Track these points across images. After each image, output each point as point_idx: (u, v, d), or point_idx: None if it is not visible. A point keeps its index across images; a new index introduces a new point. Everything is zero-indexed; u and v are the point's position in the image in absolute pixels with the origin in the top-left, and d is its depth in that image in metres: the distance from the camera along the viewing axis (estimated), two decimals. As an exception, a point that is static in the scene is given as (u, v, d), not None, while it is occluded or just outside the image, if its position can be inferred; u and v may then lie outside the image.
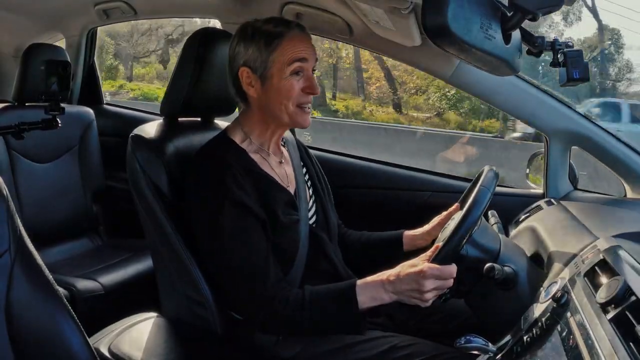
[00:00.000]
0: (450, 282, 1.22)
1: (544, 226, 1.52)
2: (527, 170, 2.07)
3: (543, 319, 1.04)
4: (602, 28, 14.03)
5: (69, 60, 2.38)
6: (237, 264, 1.32)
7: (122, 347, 1.41)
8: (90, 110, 2.60)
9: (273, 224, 1.37)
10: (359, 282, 1.30)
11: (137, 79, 16.53)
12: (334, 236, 1.57)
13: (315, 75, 1.43)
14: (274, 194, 1.39)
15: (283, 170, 1.49)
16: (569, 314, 0.97)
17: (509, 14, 1.07)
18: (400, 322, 1.53)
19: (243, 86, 1.41)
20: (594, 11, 13.91)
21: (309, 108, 1.41)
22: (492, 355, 1.10)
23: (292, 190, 1.47)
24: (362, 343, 1.33)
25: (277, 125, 1.44)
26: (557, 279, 1.14)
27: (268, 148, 1.47)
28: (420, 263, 1.24)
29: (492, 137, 11.12)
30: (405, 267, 1.26)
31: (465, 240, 1.21)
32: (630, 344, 0.79)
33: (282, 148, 1.55)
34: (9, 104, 2.36)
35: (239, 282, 1.32)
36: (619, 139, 1.76)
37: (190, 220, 1.38)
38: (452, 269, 1.21)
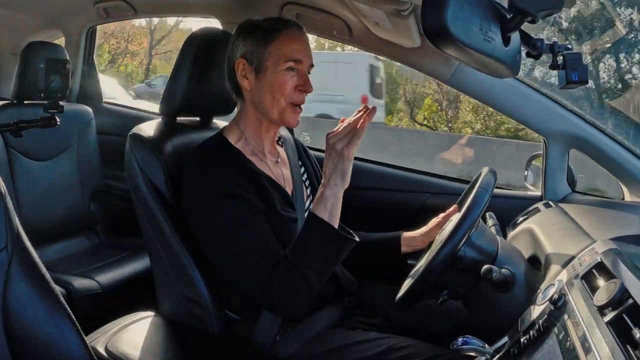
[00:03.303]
0: (361, 132, 1.26)
1: (542, 228, 1.52)
2: (525, 173, 2.07)
3: (540, 321, 1.04)
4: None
5: (68, 58, 2.38)
6: (239, 249, 1.29)
7: (118, 346, 1.40)
8: (89, 109, 2.59)
9: (272, 218, 1.36)
10: (311, 207, 1.32)
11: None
12: (331, 236, 1.57)
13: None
14: (271, 192, 1.39)
15: (280, 171, 1.49)
16: (566, 317, 0.97)
17: (508, 16, 1.07)
18: (397, 324, 1.54)
19: (238, 78, 1.41)
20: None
21: (300, 108, 1.42)
22: (488, 357, 1.10)
23: (289, 190, 1.47)
24: (358, 344, 1.33)
25: (268, 122, 1.44)
26: (554, 282, 1.14)
27: (264, 148, 1.47)
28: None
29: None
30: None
31: (463, 242, 1.21)
32: (627, 347, 0.79)
33: (279, 148, 1.55)
34: (8, 101, 2.36)
35: (244, 265, 1.29)
36: (617, 142, 1.76)
37: (188, 219, 1.38)
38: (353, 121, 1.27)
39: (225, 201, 1.30)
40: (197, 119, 1.67)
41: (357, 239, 1.33)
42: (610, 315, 0.88)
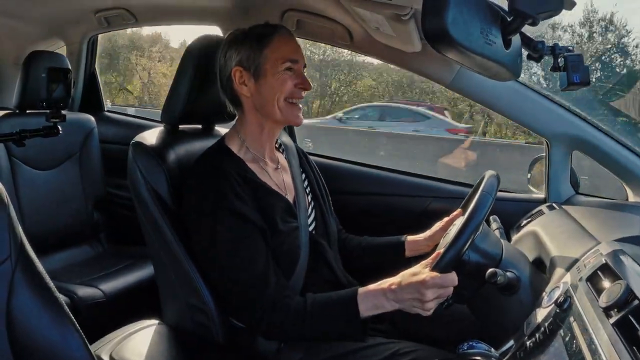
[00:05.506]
0: (451, 289, 1.21)
1: (546, 231, 1.51)
2: (529, 175, 2.07)
3: (546, 324, 1.04)
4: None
5: (69, 67, 2.39)
6: (236, 273, 1.31)
7: (123, 354, 1.40)
8: (92, 118, 2.60)
9: (272, 231, 1.36)
10: (361, 290, 1.28)
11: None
12: (334, 242, 1.57)
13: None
14: (272, 202, 1.39)
15: (280, 178, 1.49)
16: (571, 319, 0.97)
17: (509, 19, 1.07)
18: (403, 328, 1.53)
19: (235, 86, 1.42)
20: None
21: (299, 104, 1.43)
22: (494, 360, 1.09)
23: (290, 197, 1.47)
24: (364, 349, 1.33)
25: (271, 124, 1.45)
26: (559, 284, 1.13)
27: (264, 155, 1.47)
28: (421, 271, 1.22)
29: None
30: (406, 276, 1.24)
31: (466, 247, 1.20)
32: (634, 348, 0.78)
33: (280, 155, 1.56)
34: (10, 111, 2.37)
35: (239, 291, 1.32)
36: (620, 143, 1.76)
37: (187, 226, 1.38)
38: (453, 277, 1.19)
39: (223, 217, 1.31)
40: (199, 126, 1.67)
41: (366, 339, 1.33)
42: (615, 317, 0.87)
